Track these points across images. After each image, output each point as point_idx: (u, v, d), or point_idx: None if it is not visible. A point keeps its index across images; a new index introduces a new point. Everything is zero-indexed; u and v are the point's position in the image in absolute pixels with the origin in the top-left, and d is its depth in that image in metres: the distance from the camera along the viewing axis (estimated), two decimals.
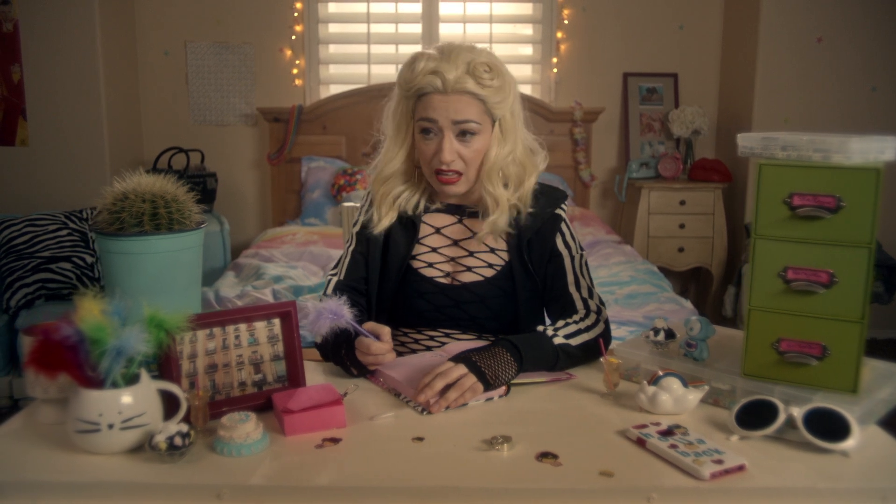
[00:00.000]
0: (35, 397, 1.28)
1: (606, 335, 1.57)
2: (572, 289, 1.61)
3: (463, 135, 1.53)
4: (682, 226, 4.25)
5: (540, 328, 1.50)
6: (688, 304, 2.90)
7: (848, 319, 1.20)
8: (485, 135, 1.55)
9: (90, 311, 1.12)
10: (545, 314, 1.70)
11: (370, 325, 1.44)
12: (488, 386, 1.34)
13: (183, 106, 4.53)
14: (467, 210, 1.67)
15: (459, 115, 1.51)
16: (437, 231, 1.67)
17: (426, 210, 1.68)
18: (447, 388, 1.31)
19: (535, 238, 1.63)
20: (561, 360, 1.47)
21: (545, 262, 1.63)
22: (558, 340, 1.47)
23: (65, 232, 3.56)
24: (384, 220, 1.62)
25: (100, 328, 1.10)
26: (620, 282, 3.10)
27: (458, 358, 1.36)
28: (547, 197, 1.65)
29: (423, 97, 1.53)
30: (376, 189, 1.64)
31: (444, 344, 1.63)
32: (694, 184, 4.27)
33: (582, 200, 4.53)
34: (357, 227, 1.69)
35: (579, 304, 1.59)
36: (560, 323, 1.52)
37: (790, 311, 1.24)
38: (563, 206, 1.67)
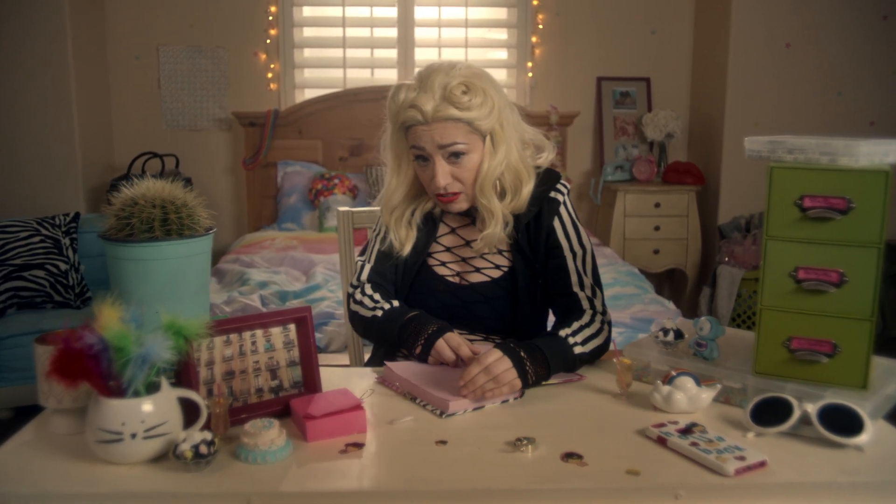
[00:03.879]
0: (46, 407, 1.25)
1: (608, 339, 1.59)
2: (576, 288, 1.61)
3: (454, 156, 1.54)
4: (657, 228, 4.31)
5: (562, 333, 1.50)
6: (671, 305, 2.94)
7: (858, 317, 1.24)
8: (476, 152, 1.56)
9: (111, 319, 1.10)
10: (550, 311, 1.72)
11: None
12: (526, 386, 1.38)
13: (155, 111, 4.47)
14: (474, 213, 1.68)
15: (445, 140, 1.52)
16: (453, 231, 1.70)
17: (443, 212, 1.69)
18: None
19: (534, 222, 1.63)
20: (577, 365, 1.51)
21: (544, 251, 1.63)
22: (578, 349, 1.50)
23: (37, 239, 3.48)
24: (407, 243, 1.66)
25: (123, 336, 1.09)
26: (604, 283, 3.12)
27: (504, 349, 1.38)
28: (541, 180, 1.64)
29: (410, 128, 1.55)
30: (387, 219, 1.67)
31: None
32: (668, 186, 4.34)
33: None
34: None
35: (585, 304, 1.60)
36: (575, 325, 1.53)
37: (801, 310, 1.27)
38: (559, 186, 1.64)
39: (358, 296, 1.66)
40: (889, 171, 1.20)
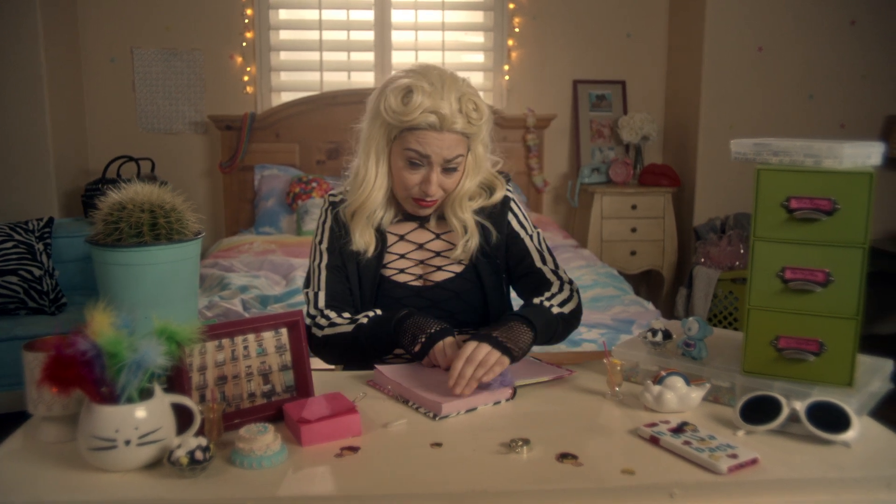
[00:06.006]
0: (33, 414, 1.24)
1: (580, 304, 1.66)
2: (539, 264, 1.69)
3: (448, 168, 1.58)
4: (633, 230, 4.35)
5: (536, 300, 1.56)
6: (650, 307, 2.97)
7: (843, 316, 1.26)
8: (463, 165, 1.62)
9: (103, 325, 1.09)
10: (513, 293, 1.78)
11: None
12: (513, 358, 1.41)
13: (130, 114, 4.42)
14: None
15: (451, 154, 1.56)
16: (402, 238, 1.71)
17: (390, 222, 1.71)
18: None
19: (490, 222, 1.69)
20: (560, 327, 1.55)
21: (504, 245, 1.70)
22: (556, 310, 1.55)
23: (10, 244, 3.42)
24: (370, 247, 1.65)
25: (116, 342, 1.07)
26: (583, 285, 3.15)
27: (479, 337, 1.41)
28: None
29: (415, 131, 1.54)
30: (358, 217, 1.64)
31: None
32: (644, 188, 4.38)
33: (535, 206, 4.60)
34: (325, 244, 1.68)
35: (552, 277, 1.67)
36: (547, 294, 1.59)
37: (788, 309, 1.29)
38: (508, 186, 1.73)
39: (323, 322, 1.60)
40: (873, 173, 1.23)
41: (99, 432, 1.08)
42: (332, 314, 1.61)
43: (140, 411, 1.09)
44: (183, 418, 1.16)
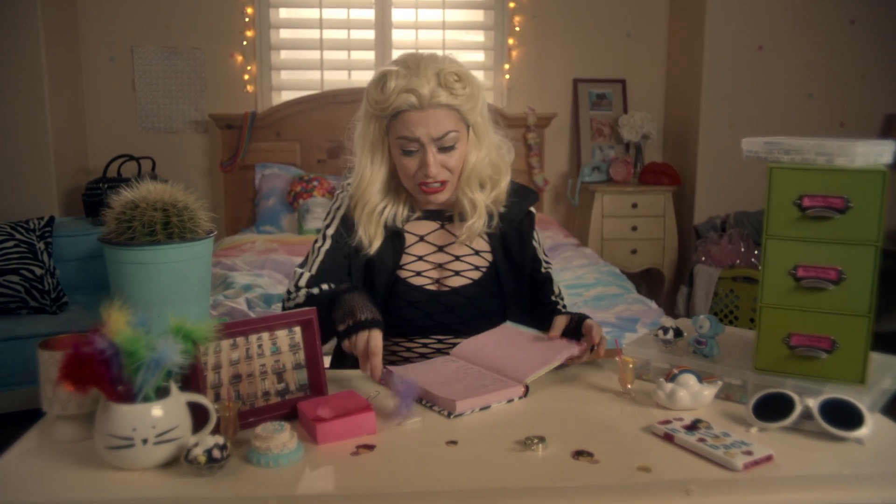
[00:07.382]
0: (47, 413, 1.23)
1: None
2: (555, 297, 1.81)
3: (445, 148, 1.56)
4: (634, 228, 4.36)
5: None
6: (653, 305, 2.97)
7: (856, 314, 1.27)
8: (463, 141, 1.59)
9: (120, 324, 1.09)
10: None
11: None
12: None
13: (130, 113, 4.42)
14: (446, 214, 1.71)
15: (439, 131, 1.54)
16: (421, 239, 1.69)
17: (407, 219, 1.69)
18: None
19: (515, 234, 1.71)
20: None
21: (528, 259, 1.74)
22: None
23: (11, 243, 3.42)
24: (375, 241, 1.63)
25: (134, 341, 1.07)
26: (586, 284, 3.16)
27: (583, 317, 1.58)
28: (520, 195, 1.74)
29: (399, 115, 1.54)
30: (359, 213, 1.63)
31: (438, 350, 1.65)
32: (645, 187, 4.39)
33: (536, 205, 4.59)
34: (332, 230, 1.67)
35: (551, 283, 1.80)
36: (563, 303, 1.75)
37: (800, 307, 1.30)
38: (535, 206, 1.81)
39: (291, 304, 1.60)
40: (886, 172, 1.24)
41: (116, 431, 1.08)
42: (303, 294, 1.59)
43: (157, 410, 1.09)
44: (198, 417, 1.16)
